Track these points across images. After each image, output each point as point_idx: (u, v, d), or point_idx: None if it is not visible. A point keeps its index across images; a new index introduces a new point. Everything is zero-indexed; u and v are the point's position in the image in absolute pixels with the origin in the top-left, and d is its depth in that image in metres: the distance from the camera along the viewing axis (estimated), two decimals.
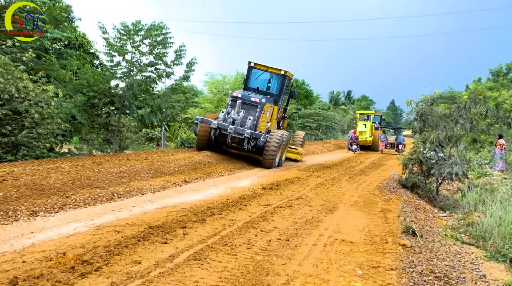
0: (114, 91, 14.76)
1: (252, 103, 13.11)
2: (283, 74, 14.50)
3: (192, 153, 13.74)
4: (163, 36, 14.61)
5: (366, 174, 13.57)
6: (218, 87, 29.26)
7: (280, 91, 14.66)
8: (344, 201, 8.25)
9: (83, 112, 14.28)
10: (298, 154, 16.89)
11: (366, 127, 30.11)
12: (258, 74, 14.87)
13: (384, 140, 28.48)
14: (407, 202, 8.56)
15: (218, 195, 7.98)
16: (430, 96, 10.37)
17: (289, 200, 7.82)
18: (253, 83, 14.83)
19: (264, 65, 14.76)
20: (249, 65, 14.78)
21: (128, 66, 14.69)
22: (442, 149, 10.06)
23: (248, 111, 13.12)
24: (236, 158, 14.09)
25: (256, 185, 9.52)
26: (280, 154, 14.02)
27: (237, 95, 13.22)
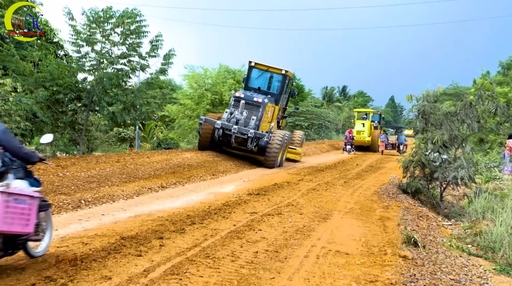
0: (81, 86, 14.56)
1: (255, 103, 14.46)
2: (284, 74, 15.92)
3: (170, 154, 13.66)
4: (137, 24, 14.47)
5: (363, 178, 13.68)
6: (199, 81, 29.12)
7: (281, 91, 16.12)
8: (339, 207, 8.29)
9: (45, 109, 14.06)
10: (297, 154, 18.14)
11: (364, 127, 30.53)
12: (258, 73, 16.31)
13: (384, 141, 29.10)
14: (408, 209, 8.65)
15: (199, 202, 7.95)
16: (433, 93, 10.46)
17: (278, 207, 7.82)
18: (254, 83, 16.23)
19: (265, 64, 16.24)
20: (249, 65, 16.25)
21: (97, 58, 14.50)
22: (446, 150, 10.17)
23: (250, 111, 14.45)
24: (221, 159, 14.08)
25: (241, 190, 9.52)
26: (282, 154, 15.38)
27: (240, 96, 14.60)
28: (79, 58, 14.55)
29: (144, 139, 31.67)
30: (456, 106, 10.15)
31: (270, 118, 15.59)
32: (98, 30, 14.29)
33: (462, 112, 9.88)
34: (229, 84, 29.24)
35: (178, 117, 29.07)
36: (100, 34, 14.39)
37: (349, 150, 26.68)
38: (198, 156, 14.11)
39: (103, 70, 14.61)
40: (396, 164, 11.38)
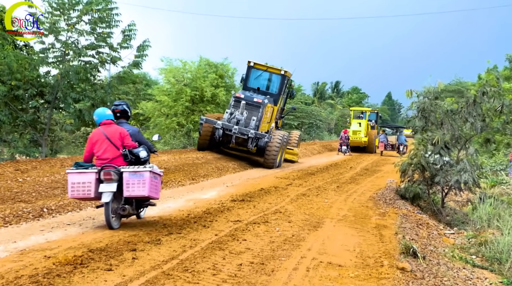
0: (44, 80, 14.36)
1: (255, 104, 15.85)
2: (283, 75, 17.53)
3: None
4: (107, 11, 14.35)
5: (357, 182, 13.78)
6: (177, 76, 28.96)
7: (280, 91, 17.76)
8: (331, 215, 8.33)
9: (3, 107, 13.81)
10: (294, 154, 19.63)
11: (361, 126, 31.10)
12: (257, 74, 17.87)
13: (383, 141, 29.74)
14: (406, 216, 8.74)
15: (177, 209, 7.93)
16: (434, 89, 10.56)
17: (264, 214, 7.83)
18: (253, 83, 17.79)
19: (264, 65, 18.26)
20: (248, 65, 17.84)
21: (62, 49, 14.34)
22: (448, 151, 10.27)
23: (250, 112, 15.80)
24: (202, 162, 14.04)
25: (224, 196, 9.51)
26: (281, 154, 16.98)
27: (240, 96, 16.03)
28: (41, 49, 14.36)
29: None
30: (458, 103, 10.25)
31: (269, 119, 17.06)
32: (62, 18, 14.12)
33: (464, 110, 9.98)
34: (210, 79, 29.16)
35: (154, 116, 28.86)
36: (64, 22, 14.22)
37: (345, 151, 27.16)
38: (176, 158, 14.05)
39: (68, 63, 14.43)
40: (394, 167, 11.48)
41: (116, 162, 6.45)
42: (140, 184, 6.27)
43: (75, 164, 6.52)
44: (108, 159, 6.45)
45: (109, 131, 6.54)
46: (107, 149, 6.47)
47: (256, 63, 17.99)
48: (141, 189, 6.28)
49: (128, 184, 6.28)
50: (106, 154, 6.46)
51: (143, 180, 6.28)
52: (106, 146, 6.47)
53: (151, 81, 45.40)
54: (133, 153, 6.57)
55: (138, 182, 6.28)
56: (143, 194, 6.31)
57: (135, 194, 6.31)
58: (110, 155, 6.46)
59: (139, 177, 6.29)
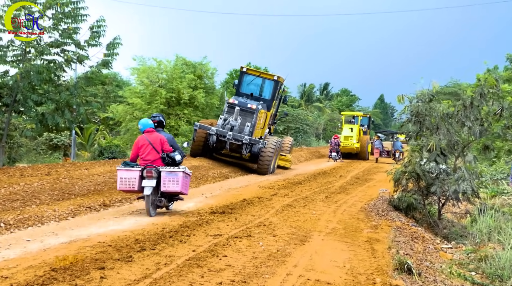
0: (1, 81, 14.17)
1: (249, 110, 17.14)
2: (276, 80, 18.95)
3: (115, 165, 13.44)
4: (73, 6, 14.24)
5: (347, 192, 13.86)
6: (151, 76, 28.91)
7: (273, 97, 19.19)
8: (319, 228, 8.36)
9: None
10: (287, 160, 21.04)
11: (352, 132, 31.78)
12: (250, 79, 19.44)
13: (379, 148, 30.70)
14: (400, 229, 8.80)
15: (150, 223, 7.88)
16: (428, 91, 10.65)
17: (247, 228, 7.82)
18: (246, 89, 19.30)
19: (257, 70, 20.33)
20: (241, 71, 19.51)
21: (22, 47, 14.17)
22: (444, 159, 10.36)
23: (244, 118, 17.08)
24: None
25: (203, 208, 9.48)
26: (274, 160, 18.40)
27: (234, 102, 17.25)
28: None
29: (82, 147, 31.07)
30: (455, 106, 10.29)
31: (263, 125, 18.48)
32: (22, 12, 13.97)
33: (461, 114, 10.05)
34: (188, 80, 29.15)
35: (125, 120, 28.71)
36: (25, 17, 14.07)
37: (335, 157, 27.74)
38: None
39: (29, 62, 14.25)
40: (386, 175, 11.56)
41: (156, 162, 8.61)
42: (174, 181, 8.44)
43: (123, 163, 8.66)
44: (150, 160, 8.62)
45: (151, 137, 8.73)
46: (149, 152, 8.65)
47: (249, 68, 20.11)
48: (175, 185, 8.45)
49: (165, 181, 8.43)
50: (149, 156, 8.64)
51: (177, 178, 8.46)
52: (149, 150, 8.66)
53: (122, 82, 45.19)
54: (170, 156, 8.77)
55: (173, 180, 8.44)
56: (176, 190, 8.50)
57: (170, 189, 8.48)
58: (151, 157, 8.64)
59: (174, 175, 8.46)
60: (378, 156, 30.47)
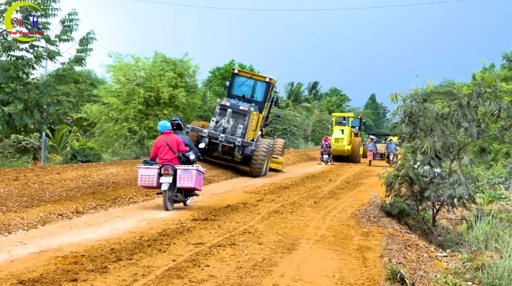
0: None
1: (241, 112, 18.29)
2: (268, 82, 20.15)
3: (89, 169, 13.36)
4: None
5: (337, 197, 13.91)
6: (128, 74, 28.70)
7: (265, 99, 20.41)
8: (308, 235, 8.37)
9: None
10: (279, 163, 22.04)
11: (343, 133, 32.52)
12: (242, 81, 20.70)
13: (372, 150, 31.35)
14: (393, 236, 8.86)
15: (127, 231, 7.83)
16: (422, 90, 10.71)
17: (231, 236, 7.81)
18: (237, 91, 20.52)
19: (249, 72, 21.91)
20: (232, 72, 21.11)
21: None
22: (439, 162, 10.44)
23: (236, 120, 18.20)
24: None
25: (184, 215, 9.45)
26: (267, 163, 19.48)
27: (226, 104, 18.41)
28: None
29: (54, 150, 30.75)
30: (450, 106, 10.34)
31: (255, 127, 19.64)
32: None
33: (457, 114, 10.10)
34: (168, 78, 29.01)
35: (100, 121, 28.45)
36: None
37: (326, 160, 28.40)
38: (127, 170, 13.88)
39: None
40: (378, 179, 11.62)
41: (172, 161, 10.05)
42: (189, 178, 9.87)
43: (143, 161, 10.22)
44: (167, 159, 10.06)
45: (168, 139, 10.20)
46: (167, 152, 10.11)
47: (241, 70, 21.70)
48: (189, 181, 9.87)
49: (180, 177, 9.86)
50: (166, 155, 10.10)
51: (191, 175, 9.88)
52: (166, 150, 10.11)
53: (97, 80, 44.86)
54: (185, 156, 10.28)
55: (187, 177, 9.87)
56: (190, 186, 9.95)
57: (185, 185, 9.92)
58: (168, 156, 10.09)
59: (188, 173, 9.88)
60: (371, 159, 31.05)
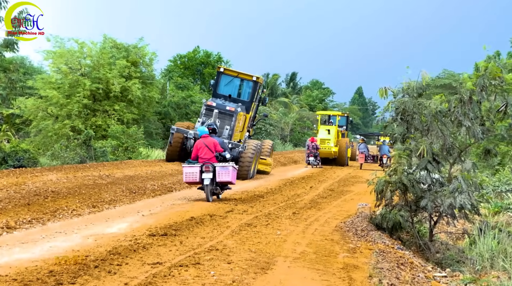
0: None
1: (228, 112, 20.85)
2: (255, 81, 22.73)
3: (23, 176, 13.17)
4: None
5: (319, 207, 13.98)
6: (71, 62, 28.42)
7: (252, 98, 23.04)
8: (285, 252, 8.38)
9: None
10: (267, 164, 24.26)
11: (330, 134, 33.80)
12: (228, 80, 23.28)
13: (364, 152, 32.47)
14: (383, 253, 8.92)
15: (70, 250, 7.73)
16: (416, 83, 10.76)
17: (195, 253, 7.77)
18: (223, 90, 23.09)
19: (235, 70, 23.74)
20: (218, 71, 23.56)
21: None
22: (438, 166, 10.52)
23: (223, 121, 20.63)
24: (108, 182, 13.79)
25: (139, 230, 9.38)
26: (254, 164, 21.72)
27: (212, 104, 20.96)
28: None
29: None
30: (450, 102, 10.37)
31: (241, 128, 22.23)
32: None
33: (458, 111, 10.14)
34: (119, 67, 28.84)
35: (37, 118, 28.09)
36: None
37: (313, 163, 29.80)
38: (70, 177, 13.72)
39: None
40: (367, 186, 11.68)
41: (211, 160, 13.38)
42: (226, 173, 13.30)
43: (187, 161, 13.70)
44: (207, 158, 13.40)
45: (207, 141, 13.61)
46: (206, 153, 13.44)
47: (226, 68, 24.30)
48: (227, 176, 13.32)
49: (219, 173, 13.25)
50: (206, 155, 13.43)
51: (228, 171, 13.31)
52: (206, 151, 13.45)
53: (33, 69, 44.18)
54: (221, 155, 13.70)
55: (225, 172, 13.29)
56: (228, 180, 13.42)
57: (223, 179, 13.38)
58: (208, 156, 13.42)
59: (225, 169, 13.30)
60: (363, 162, 32.03)
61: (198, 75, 52.85)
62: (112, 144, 24.46)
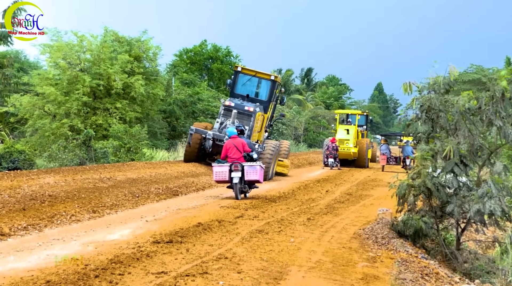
0: None
1: (246, 112, 22.25)
2: (273, 80, 24.26)
3: (18, 178, 13.21)
4: None
5: (336, 213, 13.93)
6: (70, 56, 28.52)
7: (270, 98, 24.50)
8: (299, 261, 8.35)
9: None
10: (285, 166, 25.61)
11: (349, 134, 34.02)
12: (245, 79, 24.66)
13: (386, 153, 32.52)
14: (406, 262, 8.88)
15: (69, 258, 7.72)
16: (443, 79, 10.72)
17: (202, 262, 7.77)
18: (241, 90, 24.58)
19: (252, 70, 24.93)
20: (235, 70, 25.03)
21: None
22: (465, 169, 10.43)
23: (241, 121, 21.71)
24: (109, 186, 13.81)
25: (142, 236, 9.40)
26: (273, 165, 23.31)
27: (230, 104, 22.49)
28: None
29: None
30: (479, 99, 10.31)
31: (260, 128, 23.55)
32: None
33: (489, 109, 10.07)
34: (121, 62, 28.89)
35: (33, 117, 28.21)
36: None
37: (332, 164, 30.25)
38: (69, 180, 13.76)
39: None
40: (388, 190, 11.62)
41: (239, 160, 15.02)
42: (254, 172, 14.97)
43: (216, 161, 15.41)
44: (235, 158, 15.05)
45: (235, 142, 15.24)
46: (235, 153, 15.09)
47: (244, 68, 25.34)
48: (255, 175, 15.00)
49: (247, 172, 14.94)
50: (234, 155, 15.08)
51: (256, 170, 14.99)
52: (234, 151, 15.09)
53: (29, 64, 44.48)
54: (249, 155, 15.27)
55: (253, 171, 14.96)
56: (256, 178, 15.13)
57: (251, 178, 15.08)
58: (236, 156, 15.07)
59: (253, 168, 14.97)
60: (384, 163, 32.23)
61: (206, 71, 52.96)
62: (114, 145, 24.47)
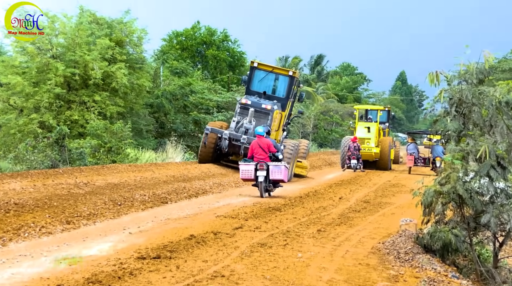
0: None
1: (264, 111, 24.26)
2: (291, 76, 26.29)
3: None
4: None
5: (351, 224, 13.92)
6: (40, 41, 28.48)
7: (288, 95, 26.61)
8: (308, 279, 8.36)
9: None
10: (303, 168, 27.54)
11: (370, 132, 34.81)
12: (261, 75, 26.67)
13: (413, 153, 33.02)
14: (434, 282, 8.86)
15: (38, 277, 7.74)
16: (477, 67, 10.68)
17: (195, 281, 7.77)
18: (257, 87, 26.57)
19: (269, 65, 27.39)
20: (251, 66, 26.96)
21: None
22: (503, 172, 10.40)
23: (258, 120, 23.91)
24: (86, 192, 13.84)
25: (125, 251, 9.39)
26: (292, 166, 24.93)
27: (247, 102, 24.48)
28: None
29: None
30: None
31: (277, 126, 25.51)
32: None
33: None
34: (100, 48, 28.88)
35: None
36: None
37: (355, 166, 31.25)
38: (39, 186, 13.76)
39: None
40: (411, 198, 11.59)
41: (265, 159, 17.59)
42: (279, 172, 17.59)
43: (243, 159, 18.57)
44: (261, 158, 17.64)
45: (261, 142, 17.93)
46: (261, 153, 17.71)
47: (261, 63, 27.24)
48: (279, 174, 17.62)
49: (272, 172, 17.57)
50: (260, 155, 17.70)
51: (281, 170, 17.57)
52: (260, 151, 17.71)
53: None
54: (274, 155, 17.93)
55: (278, 171, 17.58)
56: (280, 178, 17.77)
57: (276, 177, 17.73)
58: (262, 156, 17.70)
59: (278, 168, 17.59)
60: (412, 165, 32.78)
61: (199, 58, 52.97)
62: (92, 144, 24.48)
